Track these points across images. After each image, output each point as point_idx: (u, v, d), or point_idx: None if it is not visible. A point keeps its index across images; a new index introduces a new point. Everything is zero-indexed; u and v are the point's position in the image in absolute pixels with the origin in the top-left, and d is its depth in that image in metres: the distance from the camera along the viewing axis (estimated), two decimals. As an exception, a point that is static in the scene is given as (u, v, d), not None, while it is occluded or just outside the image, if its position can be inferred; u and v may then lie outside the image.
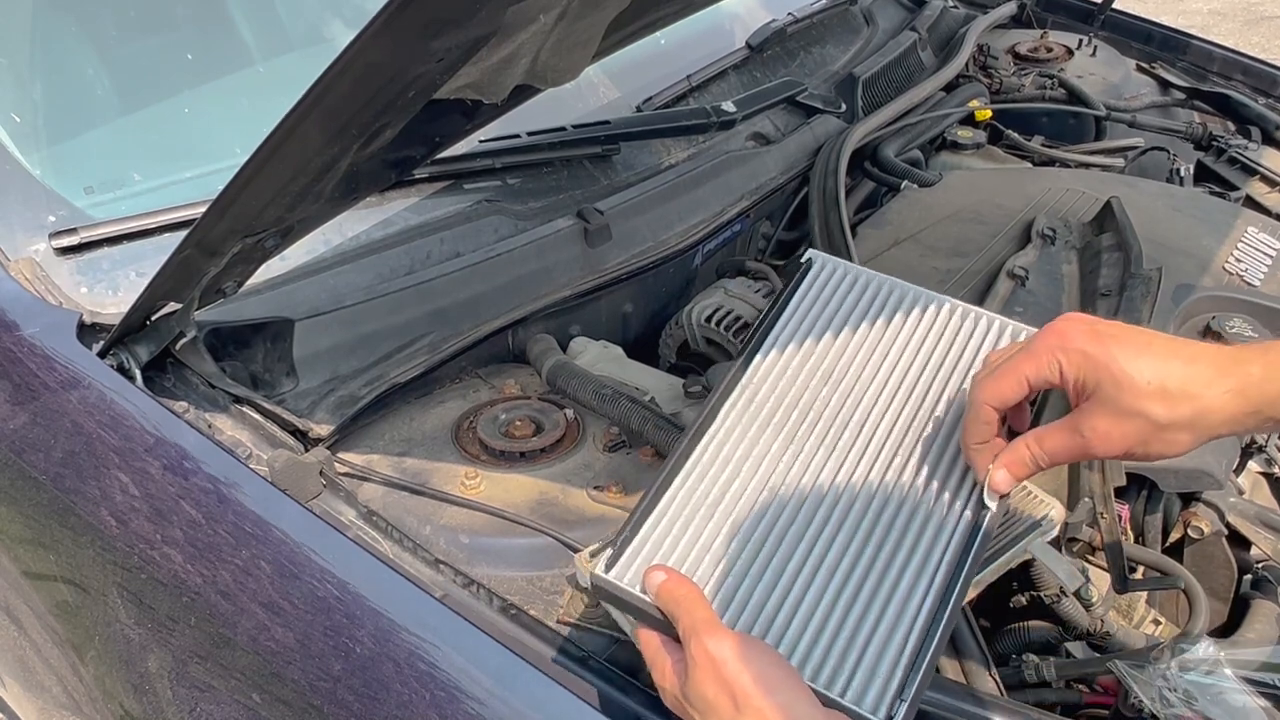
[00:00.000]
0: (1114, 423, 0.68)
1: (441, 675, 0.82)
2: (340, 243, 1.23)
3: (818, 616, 0.72)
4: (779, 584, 0.74)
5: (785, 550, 0.76)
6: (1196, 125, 1.88)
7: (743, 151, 1.58)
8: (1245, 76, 2.06)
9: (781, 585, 0.74)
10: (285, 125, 0.75)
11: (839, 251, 1.36)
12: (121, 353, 1.04)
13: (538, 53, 0.88)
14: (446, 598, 0.88)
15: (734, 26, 1.84)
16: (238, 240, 0.92)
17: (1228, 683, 0.89)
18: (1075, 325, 0.72)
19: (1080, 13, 2.25)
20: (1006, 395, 0.73)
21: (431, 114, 0.90)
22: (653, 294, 1.44)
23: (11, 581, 1.21)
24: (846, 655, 0.70)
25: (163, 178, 1.27)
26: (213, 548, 0.94)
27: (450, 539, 0.93)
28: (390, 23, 0.67)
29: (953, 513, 0.77)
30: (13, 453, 1.10)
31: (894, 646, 0.70)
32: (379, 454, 1.04)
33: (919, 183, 1.60)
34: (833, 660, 0.70)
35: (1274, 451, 1.26)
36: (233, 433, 1.01)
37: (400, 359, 1.14)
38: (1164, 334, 0.71)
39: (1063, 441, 0.72)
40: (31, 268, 1.15)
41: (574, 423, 1.08)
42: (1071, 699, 0.97)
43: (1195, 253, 1.40)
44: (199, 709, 0.97)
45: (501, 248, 1.27)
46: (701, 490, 0.81)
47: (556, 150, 1.41)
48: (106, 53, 1.39)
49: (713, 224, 1.47)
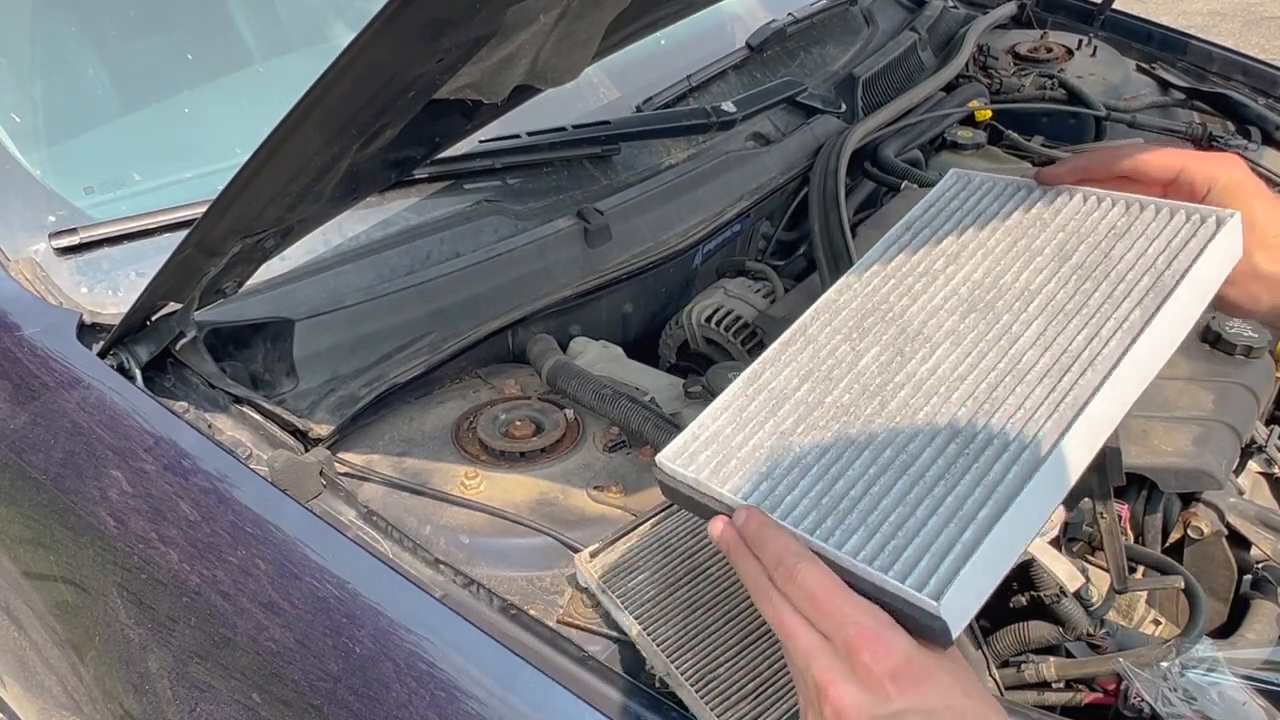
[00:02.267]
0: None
1: (441, 675, 0.82)
2: (340, 243, 1.23)
3: (878, 508, 0.66)
4: (836, 471, 0.69)
5: (853, 446, 0.70)
6: (1196, 125, 1.88)
7: (743, 151, 1.58)
8: (1245, 76, 2.06)
9: (840, 473, 0.69)
10: (285, 125, 0.75)
11: (839, 252, 1.36)
12: (121, 353, 1.04)
13: (538, 53, 0.88)
14: (446, 598, 0.88)
15: (734, 26, 1.84)
16: (238, 240, 0.92)
17: (1228, 682, 0.89)
18: (1239, 162, 0.77)
19: (1080, 13, 2.25)
20: (1146, 162, 0.79)
21: (431, 114, 0.90)
22: (653, 294, 1.44)
23: (11, 581, 1.21)
24: (904, 545, 0.63)
25: (163, 178, 1.27)
26: (212, 548, 0.94)
27: (450, 539, 0.93)
28: (390, 23, 0.67)
29: (1037, 429, 0.67)
30: (13, 453, 1.10)
31: (951, 541, 0.62)
32: (379, 454, 1.04)
33: (919, 183, 1.60)
34: (889, 548, 0.63)
35: (1274, 451, 1.26)
36: (232, 433, 1.01)
37: (400, 359, 1.14)
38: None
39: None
40: (31, 268, 1.15)
41: (574, 423, 1.08)
42: (1071, 699, 0.97)
43: (1195, 253, 1.40)
44: (199, 709, 0.97)
45: (501, 248, 1.27)
46: (776, 385, 0.77)
47: (556, 150, 1.41)
48: (106, 53, 1.39)
49: (713, 224, 1.47)
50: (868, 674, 0.58)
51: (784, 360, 0.79)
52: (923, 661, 0.58)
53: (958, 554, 0.61)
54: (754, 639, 0.80)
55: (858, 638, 0.58)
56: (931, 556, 0.62)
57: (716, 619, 0.81)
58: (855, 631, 0.58)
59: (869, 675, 0.58)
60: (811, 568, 0.62)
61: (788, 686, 0.76)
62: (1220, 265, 0.74)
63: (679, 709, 0.78)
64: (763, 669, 0.78)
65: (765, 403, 0.76)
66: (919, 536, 0.63)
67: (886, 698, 0.58)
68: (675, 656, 0.79)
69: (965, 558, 0.61)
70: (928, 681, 0.58)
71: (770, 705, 0.75)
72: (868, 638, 0.58)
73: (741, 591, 0.83)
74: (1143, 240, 0.76)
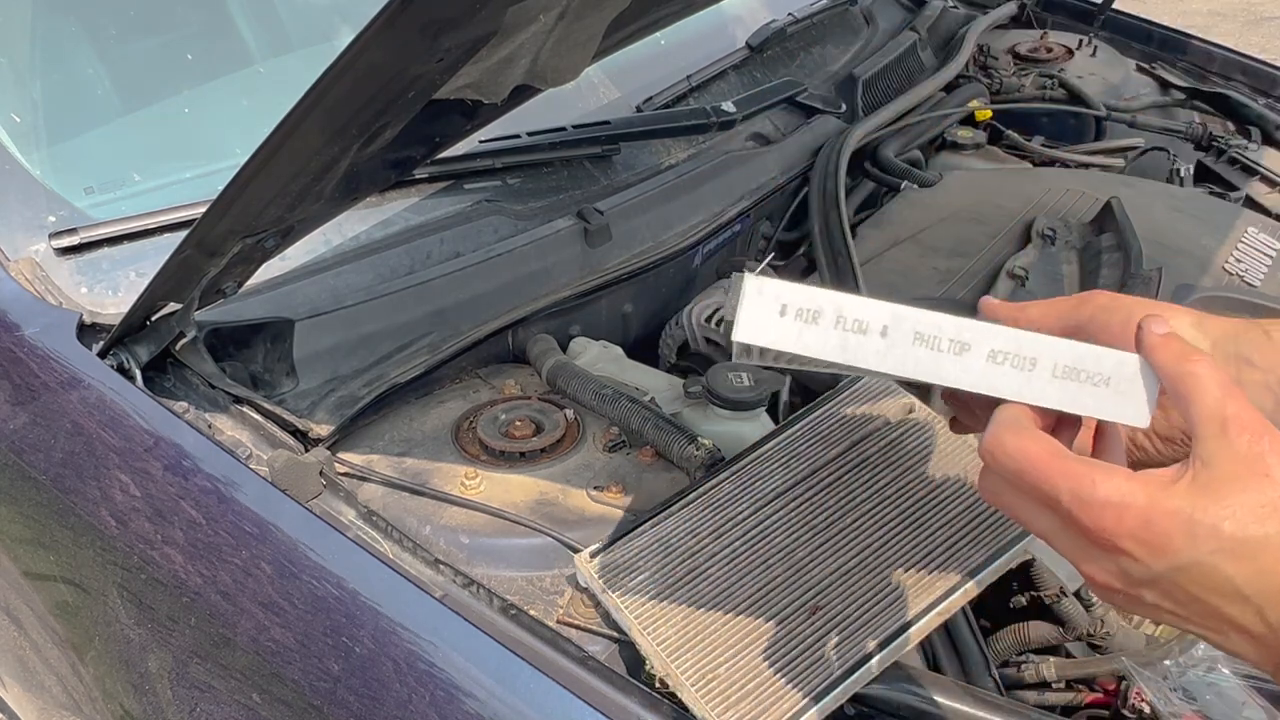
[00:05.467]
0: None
1: (441, 675, 0.82)
2: (340, 243, 1.23)
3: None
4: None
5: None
6: (1196, 125, 1.88)
7: (743, 152, 1.58)
8: (1245, 76, 2.06)
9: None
10: (285, 125, 0.75)
11: (839, 252, 1.36)
12: (121, 353, 1.04)
13: (538, 53, 0.88)
14: (446, 598, 0.88)
15: (734, 26, 1.84)
16: (238, 240, 0.92)
17: (1227, 682, 0.89)
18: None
19: (1080, 13, 2.25)
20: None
21: (431, 114, 0.90)
22: (653, 294, 1.44)
23: (11, 581, 1.21)
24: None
25: (163, 178, 1.27)
26: (213, 548, 0.94)
27: (450, 539, 0.93)
28: (390, 23, 0.67)
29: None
30: (13, 453, 1.10)
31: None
32: (379, 454, 1.04)
33: (919, 183, 1.60)
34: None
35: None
36: (233, 433, 1.01)
37: (400, 359, 1.14)
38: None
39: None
40: (31, 268, 1.15)
41: (574, 423, 1.08)
42: (1071, 699, 0.97)
43: (1195, 253, 1.40)
44: (199, 709, 0.97)
45: (501, 248, 1.27)
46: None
47: (556, 150, 1.41)
48: (106, 53, 1.39)
49: (713, 224, 1.47)
50: (1105, 545, 0.52)
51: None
52: (1166, 512, 0.52)
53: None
54: (754, 639, 0.80)
55: (1080, 510, 0.53)
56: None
57: (716, 619, 0.81)
58: (1075, 504, 0.53)
59: (1108, 546, 0.52)
60: (1015, 435, 0.56)
61: (788, 686, 0.77)
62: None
63: (679, 709, 0.78)
64: (763, 669, 0.78)
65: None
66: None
67: (1138, 562, 0.52)
68: (675, 656, 0.79)
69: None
70: (1180, 534, 0.51)
71: (770, 705, 0.75)
72: (1088, 508, 0.52)
73: (742, 591, 0.83)
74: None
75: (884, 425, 0.95)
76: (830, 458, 0.93)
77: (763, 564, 0.85)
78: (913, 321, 0.59)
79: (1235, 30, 5.44)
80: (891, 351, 0.59)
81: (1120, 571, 0.53)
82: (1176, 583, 0.52)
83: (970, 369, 0.59)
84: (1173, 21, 2.35)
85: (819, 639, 0.79)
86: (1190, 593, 0.52)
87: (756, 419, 1.11)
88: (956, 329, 0.59)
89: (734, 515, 0.89)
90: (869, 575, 0.84)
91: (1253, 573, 0.50)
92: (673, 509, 0.90)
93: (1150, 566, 0.52)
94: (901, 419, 0.96)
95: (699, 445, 0.99)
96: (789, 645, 0.79)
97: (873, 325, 0.59)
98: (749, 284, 0.59)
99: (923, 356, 0.60)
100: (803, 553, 0.85)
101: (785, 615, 0.81)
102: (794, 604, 0.82)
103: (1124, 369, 0.59)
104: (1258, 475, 0.51)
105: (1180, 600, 0.53)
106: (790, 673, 0.77)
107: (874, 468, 0.92)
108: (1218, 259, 1.39)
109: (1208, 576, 0.51)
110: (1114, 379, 0.59)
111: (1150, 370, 0.58)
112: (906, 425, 0.95)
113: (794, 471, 0.92)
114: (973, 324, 0.60)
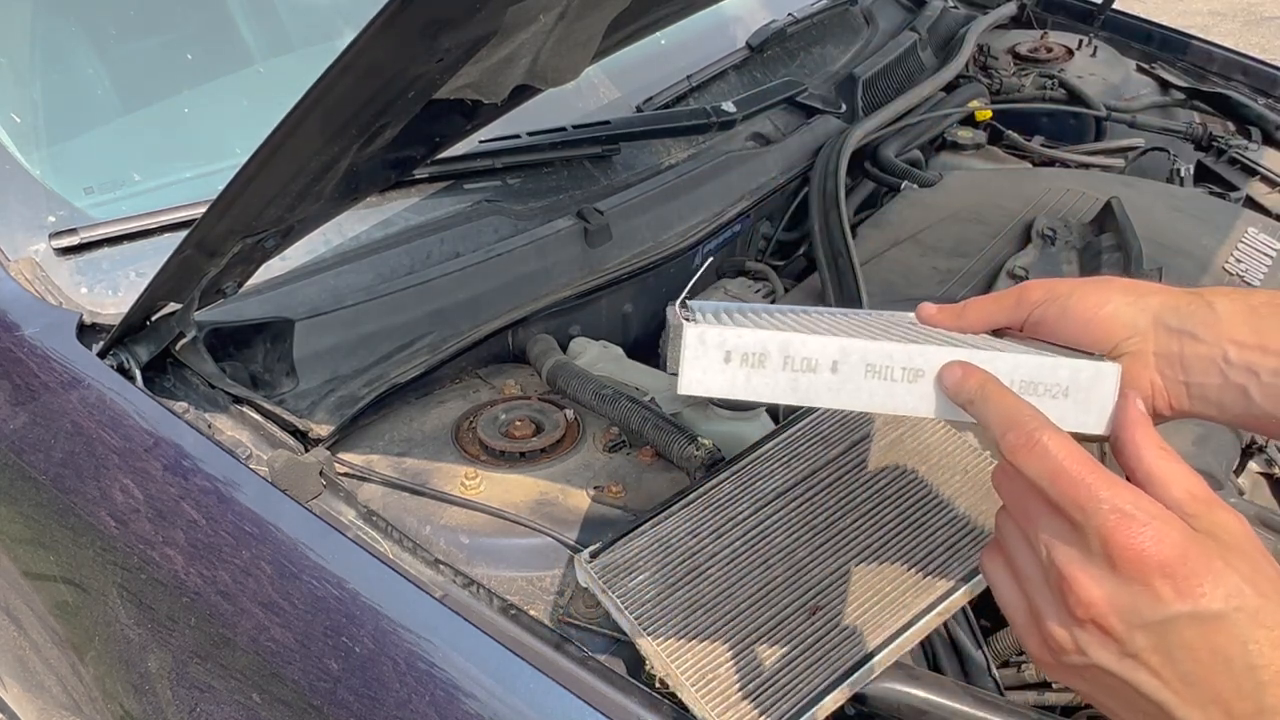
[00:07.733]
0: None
1: (441, 675, 0.82)
2: (340, 243, 1.23)
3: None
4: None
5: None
6: (1196, 125, 1.88)
7: (743, 152, 1.58)
8: (1245, 77, 2.06)
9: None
10: (285, 125, 0.75)
11: (839, 252, 1.36)
12: (121, 353, 1.04)
13: (538, 53, 0.88)
14: (446, 598, 0.88)
15: (734, 26, 1.84)
16: (238, 240, 0.92)
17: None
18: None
19: (1080, 13, 2.25)
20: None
21: (431, 114, 0.90)
22: (653, 294, 1.44)
23: (11, 581, 1.21)
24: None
25: (163, 178, 1.27)
26: (212, 548, 0.94)
27: (450, 539, 0.93)
28: (390, 23, 0.67)
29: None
30: (13, 453, 1.10)
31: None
32: (379, 454, 1.04)
33: (919, 183, 1.60)
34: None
35: (1274, 452, 1.26)
36: (233, 433, 1.01)
37: (400, 359, 1.14)
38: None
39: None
40: (31, 268, 1.15)
41: (574, 423, 1.08)
42: (1072, 699, 0.97)
43: (1195, 253, 1.40)
44: (199, 709, 0.97)
45: (501, 248, 1.27)
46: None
47: (556, 150, 1.41)
48: (106, 53, 1.39)
49: (713, 224, 1.47)
50: (1131, 568, 0.47)
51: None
52: (1202, 552, 0.47)
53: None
54: (754, 639, 0.80)
55: (1116, 524, 0.47)
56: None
57: (716, 619, 0.81)
58: (1114, 517, 0.47)
59: (1133, 570, 0.47)
60: (1056, 436, 0.51)
61: (788, 687, 0.77)
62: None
63: (679, 709, 0.78)
64: (763, 669, 0.78)
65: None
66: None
67: (1157, 599, 0.47)
68: (675, 656, 0.79)
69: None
70: (1210, 577, 0.46)
71: (770, 705, 0.75)
72: (1128, 523, 0.47)
73: (742, 591, 0.83)
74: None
75: (884, 426, 0.95)
76: (830, 458, 0.93)
77: (763, 564, 0.85)
78: (862, 354, 0.59)
79: (1235, 30, 5.44)
80: (844, 387, 0.59)
81: (1128, 607, 0.48)
82: (1183, 635, 0.47)
83: (926, 396, 0.59)
84: (1173, 21, 2.35)
85: (819, 639, 0.80)
86: (1191, 649, 0.47)
87: (756, 419, 1.11)
88: (907, 356, 0.59)
89: (734, 515, 0.89)
90: (869, 575, 0.84)
91: (1270, 643, 0.46)
92: (673, 509, 0.90)
93: (1168, 608, 0.47)
94: (902, 419, 0.96)
95: (699, 445, 0.99)
96: (789, 645, 0.79)
97: (822, 363, 0.59)
98: (689, 334, 0.58)
99: (876, 389, 0.59)
100: (803, 553, 0.85)
101: (785, 615, 0.81)
102: (794, 604, 0.82)
103: (1079, 377, 0.58)
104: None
105: (1172, 657, 0.47)
106: (790, 673, 0.77)
107: (874, 468, 0.92)
108: (1218, 259, 1.39)
109: (1225, 633, 0.46)
110: (1071, 389, 0.58)
111: (1106, 377, 0.58)
112: (906, 426, 0.95)
113: (794, 472, 0.92)
114: (923, 350, 0.59)
